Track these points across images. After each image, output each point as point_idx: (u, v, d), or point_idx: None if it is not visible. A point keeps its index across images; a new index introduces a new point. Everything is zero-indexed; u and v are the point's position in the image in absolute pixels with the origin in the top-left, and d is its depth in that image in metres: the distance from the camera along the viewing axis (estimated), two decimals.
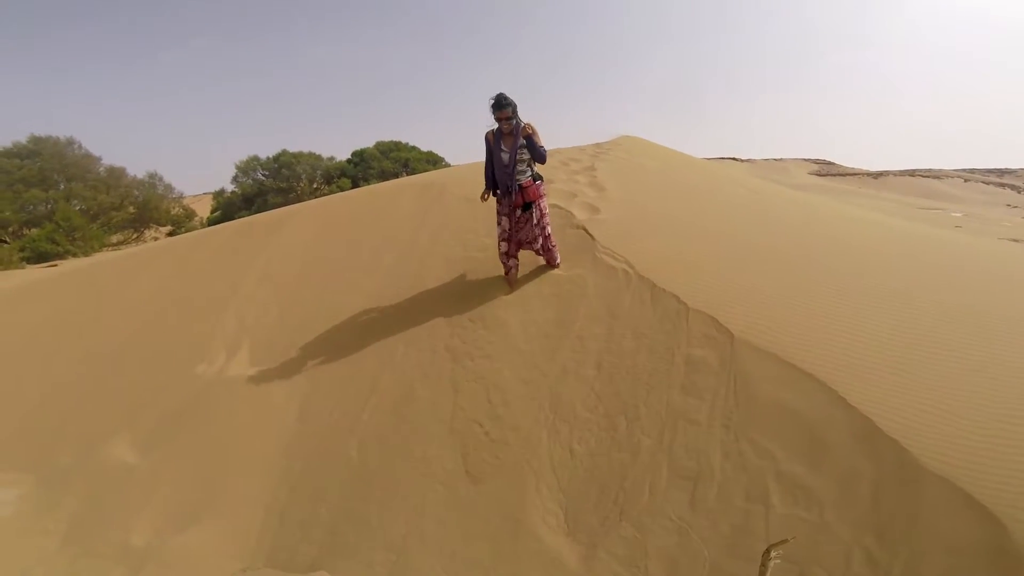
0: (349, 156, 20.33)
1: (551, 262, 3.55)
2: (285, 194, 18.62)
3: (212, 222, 17.74)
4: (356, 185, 17.00)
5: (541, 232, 3.45)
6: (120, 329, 4.48)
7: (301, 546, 2.42)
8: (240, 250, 5.27)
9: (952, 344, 2.37)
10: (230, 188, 20.37)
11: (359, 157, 19.91)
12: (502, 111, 3.23)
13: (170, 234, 17.00)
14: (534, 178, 3.43)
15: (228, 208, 18.82)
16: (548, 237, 3.49)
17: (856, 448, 1.89)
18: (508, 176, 3.34)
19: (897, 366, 2.22)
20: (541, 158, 3.33)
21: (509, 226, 3.45)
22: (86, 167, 17.73)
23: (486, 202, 3.59)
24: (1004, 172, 26.94)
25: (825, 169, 30.14)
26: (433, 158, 20.54)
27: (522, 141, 3.29)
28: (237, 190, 19.74)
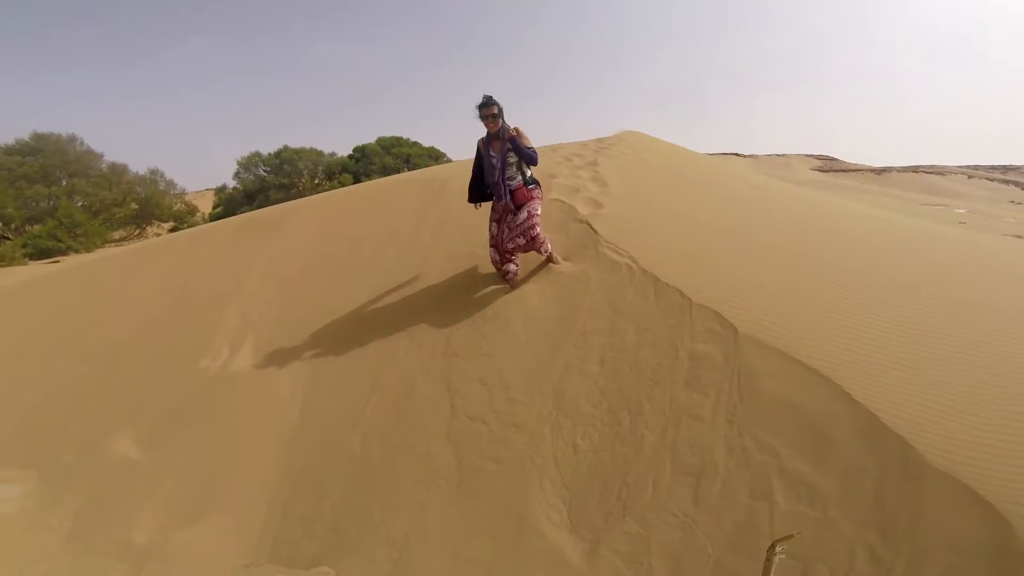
0: (350, 152, 20.34)
1: (540, 253, 3.49)
2: (287, 190, 18.62)
3: (214, 218, 17.76)
4: (358, 181, 16.97)
5: (523, 234, 3.36)
6: (122, 325, 4.49)
7: (304, 542, 2.42)
8: (243, 246, 5.27)
9: (957, 340, 2.36)
10: (232, 184, 20.44)
11: (360, 153, 19.88)
12: (487, 108, 3.23)
13: (172, 230, 16.99)
14: (527, 183, 3.39)
15: (230, 204, 18.85)
16: (534, 239, 3.38)
17: (860, 444, 1.88)
18: (499, 182, 3.32)
19: (901, 362, 2.21)
20: (530, 159, 3.28)
21: (497, 231, 3.43)
22: (88, 164, 17.76)
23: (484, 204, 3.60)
24: (1008, 168, 26.79)
25: (828, 165, 30.05)
26: (435, 153, 20.49)
27: (508, 145, 3.27)
28: (239, 186, 19.76)
